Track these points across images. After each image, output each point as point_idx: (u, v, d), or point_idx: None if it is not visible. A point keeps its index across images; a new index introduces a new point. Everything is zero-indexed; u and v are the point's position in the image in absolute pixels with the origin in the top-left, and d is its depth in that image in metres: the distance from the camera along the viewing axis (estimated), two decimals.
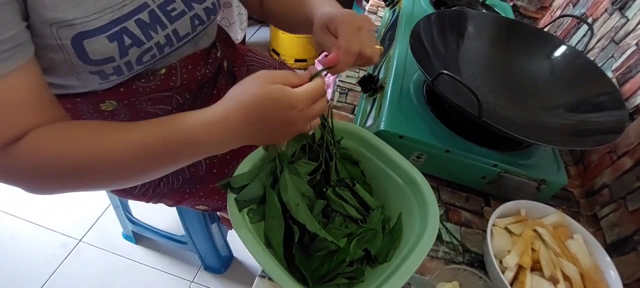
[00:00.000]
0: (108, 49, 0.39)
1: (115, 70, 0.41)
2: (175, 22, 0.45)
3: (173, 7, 0.44)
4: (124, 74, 0.42)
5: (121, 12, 0.39)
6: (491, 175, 0.53)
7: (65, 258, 1.07)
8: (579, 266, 0.45)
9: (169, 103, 0.51)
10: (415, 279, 0.47)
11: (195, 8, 0.47)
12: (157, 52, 0.44)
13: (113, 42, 0.39)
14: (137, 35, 0.41)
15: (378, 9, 1.00)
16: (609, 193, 0.58)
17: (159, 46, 0.44)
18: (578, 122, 0.55)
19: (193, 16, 0.47)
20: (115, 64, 0.40)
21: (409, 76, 0.61)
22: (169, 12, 0.44)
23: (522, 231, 0.47)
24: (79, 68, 0.38)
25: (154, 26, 0.42)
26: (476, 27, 0.66)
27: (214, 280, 1.08)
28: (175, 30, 0.45)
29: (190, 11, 0.46)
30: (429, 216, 0.42)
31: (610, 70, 0.66)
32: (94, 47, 0.38)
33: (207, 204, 0.65)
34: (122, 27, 0.39)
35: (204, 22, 0.49)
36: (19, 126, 0.33)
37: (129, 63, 0.41)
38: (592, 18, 0.78)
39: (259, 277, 0.45)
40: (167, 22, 0.44)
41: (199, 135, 0.35)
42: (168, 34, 0.44)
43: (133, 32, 0.40)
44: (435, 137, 0.53)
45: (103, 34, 0.38)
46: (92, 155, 0.34)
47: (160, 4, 0.43)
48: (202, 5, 0.48)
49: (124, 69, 0.41)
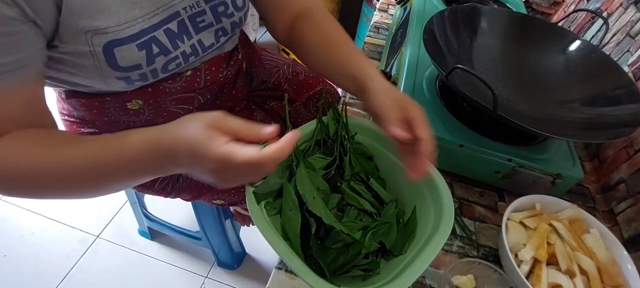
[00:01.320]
0: (136, 57, 0.40)
1: (140, 76, 0.42)
2: (200, 33, 0.46)
3: (203, 19, 0.46)
4: (149, 81, 0.44)
5: (152, 22, 0.41)
6: (505, 170, 0.53)
7: (84, 254, 1.11)
8: (596, 260, 0.45)
9: (191, 103, 0.53)
10: (430, 273, 0.48)
11: (222, 22, 0.48)
12: (182, 61, 0.45)
13: (142, 50, 0.40)
14: (164, 44, 0.42)
15: (389, 7, 1.01)
16: (625, 188, 0.57)
17: (184, 55, 0.45)
18: (594, 115, 0.54)
19: (218, 29, 0.48)
20: (142, 71, 0.42)
21: (421, 72, 0.62)
22: (197, 23, 0.45)
23: (538, 225, 0.47)
24: (107, 74, 0.40)
25: (181, 36, 0.44)
26: (489, 23, 0.66)
27: (227, 275, 1.10)
28: (200, 40, 0.46)
29: (217, 24, 0.48)
30: (443, 210, 0.42)
31: (626, 64, 0.65)
32: (124, 54, 0.39)
33: (224, 198, 0.66)
34: (151, 36, 0.41)
35: (228, 34, 0.50)
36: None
37: (155, 71, 0.43)
38: (607, 12, 0.77)
39: (275, 269, 0.46)
40: (194, 32, 0.45)
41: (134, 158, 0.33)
42: (193, 44, 0.46)
43: (161, 41, 0.42)
44: (449, 132, 0.53)
45: (133, 42, 0.39)
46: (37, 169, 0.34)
47: (191, 15, 0.44)
48: (230, 20, 0.49)
49: (149, 76, 0.43)
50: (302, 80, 0.75)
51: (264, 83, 0.72)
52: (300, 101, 0.72)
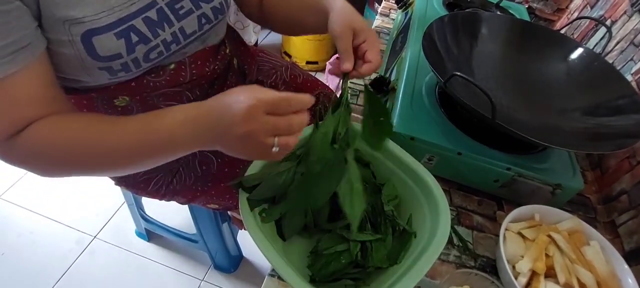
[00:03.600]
0: (115, 46, 0.40)
1: (123, 66, 0.42)
2: (183, 21, 0.46)
3: (181, 5, 0.46)
4: (132, 71, 0.43)
5: (129, 10, 0.40)
6: (504, 179, 0.53)
7: (80, 254, 1.10)
8: (595, 273, 0.44)
9: (179, 99, 0.52)
10: (426, 283, 0.47)
11: (202, 7, 0.48)
12: (163, 49, 0.45)
13: (120, 39, 0.40)
14: (144, 33, 0.42)
15: (390, 11, 1.00)
16: (627, 199, 0.56)
17: (165, 43, 0.45)
18: (595, 125, 0.53)
19: (200, 15, 0.48)
20: (123, 60, 0.41)
21: (421, 78, 0.61)
22: (177, 10, 0.45)
23: (536, 236, 0.46)
24: (89, 63, 0.40)
25: (161, 24, 0.44)
26: (489, 30, 0.65)
27: (223, 279, 1.09)
28: (182, 28, 0.46)
29: (198, 10, 0.47)
30: (440, 218, 0.41)
31: (630, 73, 0.64)
32: (102, 43, 0.39)
33: (219, 203, 0.66)
34: (129, 25, 0.40)
35: (211, 21, 0.50)
36: (21, 121, 0.36)
37: (136, 60, 0.43)
38: (611, 20, 0.76)
39: (268, 276, 0.45)
40: (175, 20, 0.45)
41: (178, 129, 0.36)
42: (175, 32, 0.45)
43: (140, 30, 0.41)
44: (447, 139, 0.52)
45: (111, 31, 0.39)
46: (82, 144, 0.37)
47: (169, 2, 0.44)
48: (210, 5, 0.49)
49: (132, 66, 0.43)
50: (301, 83, 0.75)
51: (260, 83, 0.72)
52: None
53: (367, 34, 0.46)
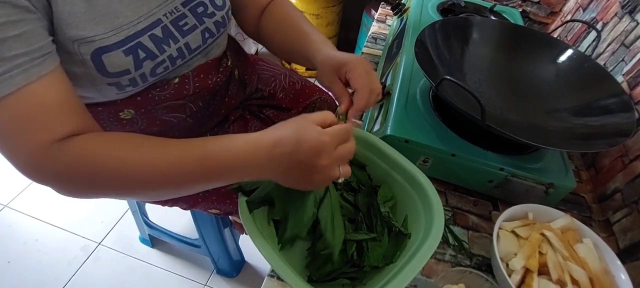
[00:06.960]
0: (124, 62, 0.42)
1: (130, 81, 0.44)
2: (187, 36, 0.48)
3: (185, 22, 0.47)
4: (139, 85, 0.45)
5: (136, 28, 0.42)
6: (498, 179, 0.54)
7: (85, 260, 1.12)
8: (588, 269, 0.44)
9: (182, 111, 0.54)
10: (421, 281, 0.48)
11: (206, 22, 0.50)
12: (169, 64, 0.47)
13: (128, 56, 0.42)
14: (151, 49, 0.44)
15: (386, 18, 1.02)
16: (621, 197, 0.57)
17: (171, 59, 0.46)
18: (585, 124, 0.54)
19: (204, 30, 0.50)
20: (131, 76, 0.43)
21: (416, 83, 0.62)
22: (181, 27, 0.47)
23: (529, 234, 0.47)
24: (98, 80, 0.42)
25: (166, 40, 0.45)
26: (480, 34, 0.67)
27: (226, 283, 1.10)
28: (187, 43, 0.48)
29: (201, 25, 0.49)
30: (434, 217, 0.42)
31: (621, 74, 0.65)
32: (112, 60, 0.41)
33: (219, 208, 0.67)
34: (137, 42, 0.42)
35: (214, 34, 0.52)
36: (56, 128, 0.35)
37: (144, 75, 0.44)
38: (603, 22, 0.77)
39: (268, 276, 0.47)
40: (179, 36, 0.47)
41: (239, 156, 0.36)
42: (180, 47, 0.47)
43: (147, 47, 0.43)
44: (441, 141, 0.54)
45: (120, 49, 0.41)
46: (133, 166, 0.35)
47: (173, 20, 0.46)
48: (212, 19, 0.51)
49: (139, 80, 0.45)
50: (299, 90, 0.76)
51: (259, 91, 0.73)
52: (296, 110, 0.73)
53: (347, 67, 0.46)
